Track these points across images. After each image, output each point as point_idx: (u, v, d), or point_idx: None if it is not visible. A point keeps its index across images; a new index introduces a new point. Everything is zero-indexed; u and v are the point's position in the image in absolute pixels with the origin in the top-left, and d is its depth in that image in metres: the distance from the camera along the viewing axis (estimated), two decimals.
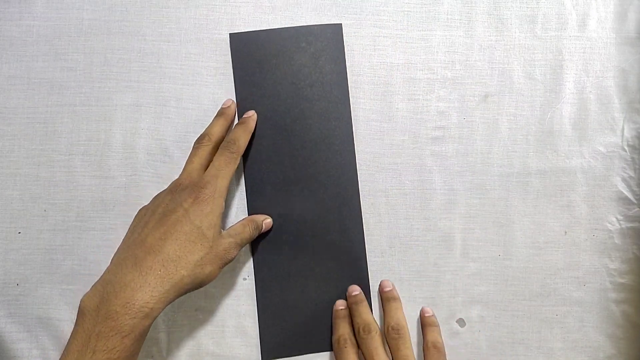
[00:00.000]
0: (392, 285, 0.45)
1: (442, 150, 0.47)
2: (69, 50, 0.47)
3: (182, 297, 0.44)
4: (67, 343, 0.35)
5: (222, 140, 0.43)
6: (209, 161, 0.42)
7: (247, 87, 0.46)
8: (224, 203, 0.40)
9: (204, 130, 0.44)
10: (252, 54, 0.47)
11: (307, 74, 0.46)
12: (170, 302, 0.36)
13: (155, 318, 0.35)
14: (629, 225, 0.47)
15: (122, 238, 0.44)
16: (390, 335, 0.42)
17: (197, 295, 0.45)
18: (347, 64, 0.47)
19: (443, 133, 0.47)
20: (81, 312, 0.35)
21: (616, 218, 0.47)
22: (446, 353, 0.44)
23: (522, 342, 0.46)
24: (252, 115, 0.45)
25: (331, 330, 0.45)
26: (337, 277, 0.45)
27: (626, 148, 0.47)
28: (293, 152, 0.46)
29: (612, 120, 0.47)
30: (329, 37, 0.47)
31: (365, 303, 0.44)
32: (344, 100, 0.47)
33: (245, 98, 0.46)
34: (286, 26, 0.47)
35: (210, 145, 0.43)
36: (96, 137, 0.46)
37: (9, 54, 0.47)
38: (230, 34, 0.47)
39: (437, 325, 0.45)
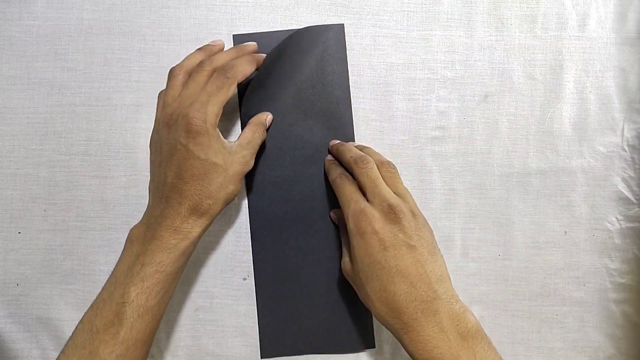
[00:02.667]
0: None
1: (442, 150, 0.47)
2: (69, 50, 0.47)
3: (181, 297, 0.44)
4: (115, 266, 0.38)
5: (223, 66, 0.41)
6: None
7: (249, 88, 0.46)
8: (216, 127, 0.39)
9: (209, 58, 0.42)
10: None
11: (309, 75, 0.46)
12: (207, 226, 0.40)
13: (194, 240, 0.39)
14: (629, 225, 0.47)
15: (122, 237, 0.45)
16: (385, 169, 0.41)
17: (197, 295, 0.45)
18: (348, 63, 0.47)
19: (443, 133, 0.47)
20: (129, 240, 0.39)
21: (616, 218, 0.47)
22: None
23: (522, 342, 0.46)
24: (261, 57, 0.44)
25: (330, 330, 0.45)
26: (337, 277, 0.45)
27: (626, 148, 0.47)
28: (294, 153, 0.46)
29: (612, 120, 0.47)
30: (332, 38, 0.47)
31: (350, 144, 0.44)
32: (346, 100, 0.47)
33: (247, 99, 0.46)
34: (287, 26, 0.47)
35: (210, 70, 0.41)
36: (96, 137, 0.46)
37: (9, 54, 0.47)
38: (233, 35, 0.47)
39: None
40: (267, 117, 0.44)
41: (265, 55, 0.45)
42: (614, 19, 0.48)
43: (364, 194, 0.40)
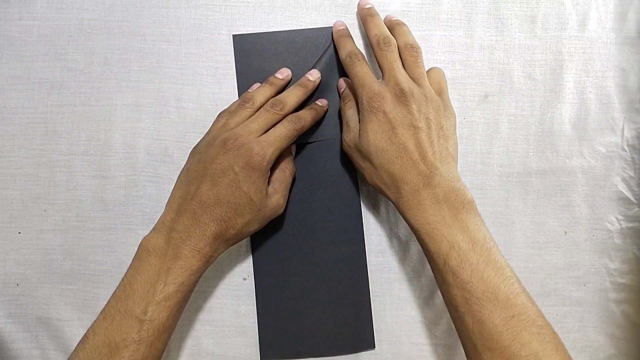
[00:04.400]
0: None
1: None
2: (69, 50, 0.47)
3: None
4: (127, 276, 0.38)
5: (292, 111, 0.43)
6: (270, 127, 0.42)
7: (249, 88, 0.46)
8: (269, 170, 0.40)
9: (279, 93, 0.43)
10: (255, 56, 0.47)
11: None
12: (222, 252, 0.41)
13: (211, 263, 0.40)
14: (629, 225, 0.47)
15: (122, 237, 0.46)
16: (408, 53, 0.43)
17: (197, 295, 0.45)
18: None
19: None
20: (145, 250, 0.38)
21: (616, 218, 0.47)
22: (445, 349, 0.44)
23: None
24: (324, 105, 0.45)
25: (330, 332, 0.45)
26: (336, 277, 0.45)
27: (626, 148, 0.47)
28: (294, 153, 0.46)
29: (612, 120, 0.47)
30: (333, 39, 0.47)
31: (380, 17, 0.45)
32: None
33: None
34: (287, 27, 0.47)
35: (282, 115, 0.42)
36: (96, 137, 0.46)
37: (9, 54, 0.47)
38: (233, 35, 0.47)
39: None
40: (291, 148, 0.45)
41: (325, 105, 0.45)
42: (614, 19, 0.48)
43: (382, 75, 0.42)
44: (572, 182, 0.47)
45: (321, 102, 0.45)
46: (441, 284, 0.37)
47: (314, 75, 0.45)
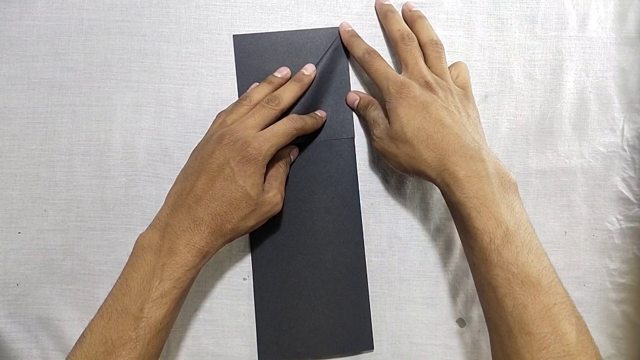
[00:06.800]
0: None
1: None
2: (69, 50, 0.47)
3: None
4: (124, 273, 0.38)
5: (289, 107, 0.43)
6: (268, 124, 0.41)
7: (249, 88, 0.46)
8: (266, 165, 0.40)
9: (276, 90, 0.43)
10: (255, 56, 0.47)
11: None
12: (220, 248, 0.40)
13: (208, 258, 0.39)
14: (629, 225, 0.47)
15: (122, 237, 0.45)
16: (432, 48, 0.44)
17: (197, 295, 0.45)
18: (349, 64, 0.47)
19: None
20: (141, 247, 0.38)
21: (616, 218, 0.47)
22: (445, 349, 0.43)
23: None
24: (323, 117, 0.46)
25: (329, 333, 0.45)
26: (335, 278, 0.45)
27: (626, 148, 0.47)
28: (293, 158, 0.46)
29: (612, 120, 0.47)
30: (333, 40, 0.47)
31: (399, 13, 0.46)
32: (347, 100, 0.47)
33: None
34: (287, 27, 0.47)
35: (278, 110, 0.42)
36: (96, 137, 0.46)
37: (9, 54, 0.47)
38: (233, 35, 0.47)
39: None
40: (290, 151, 0.45)
41: (324, 117, 0.46)
42: (614, 19, 0.48)
43: (404, 69, 0.43)
44: (572, 182, 0.47)
45: (320, 114, 0.45)
46: (481, 263, 0.36)
47: (309, 70, 0.45)
